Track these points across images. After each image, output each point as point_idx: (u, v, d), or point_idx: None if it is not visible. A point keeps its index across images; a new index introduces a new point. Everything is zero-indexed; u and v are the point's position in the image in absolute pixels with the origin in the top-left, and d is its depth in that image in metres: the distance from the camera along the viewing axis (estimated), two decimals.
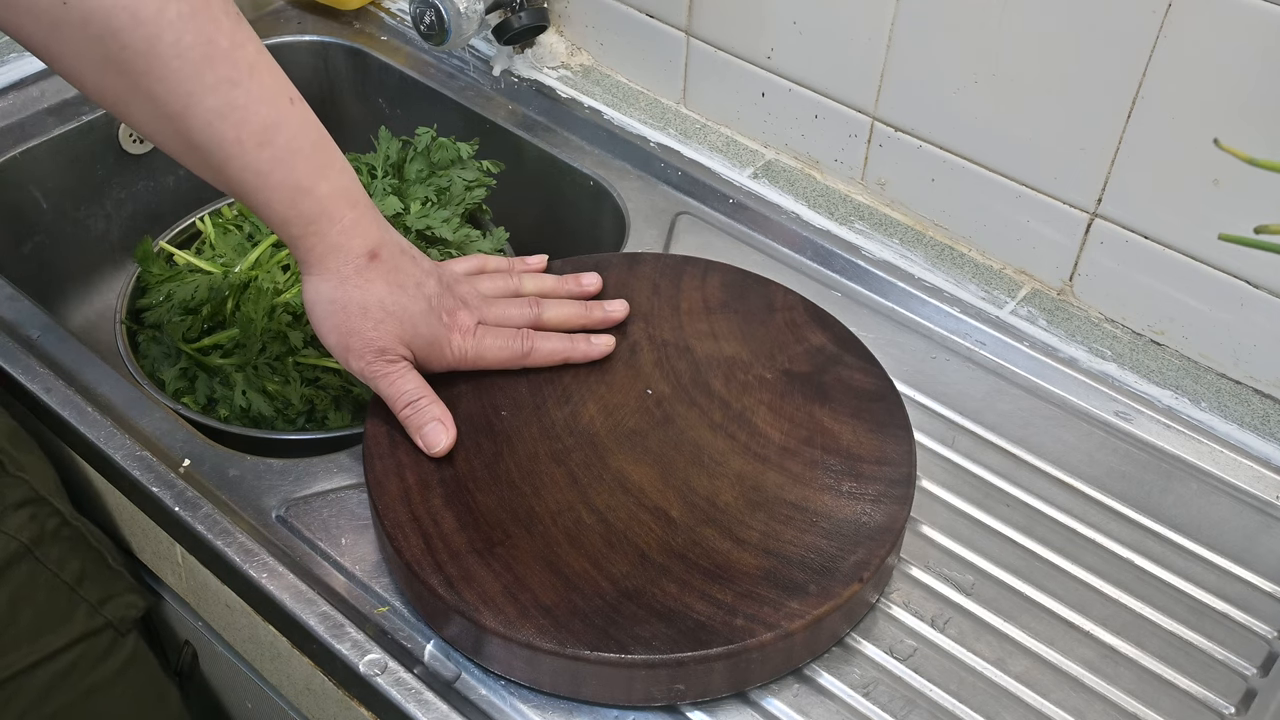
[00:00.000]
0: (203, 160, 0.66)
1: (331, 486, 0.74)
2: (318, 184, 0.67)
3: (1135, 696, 0.66)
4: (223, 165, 0.65)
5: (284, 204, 0.67)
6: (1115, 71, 0.78)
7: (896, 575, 0.71)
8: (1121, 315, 0.86)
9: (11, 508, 0.75)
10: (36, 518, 0.77)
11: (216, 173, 0.66)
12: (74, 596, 0.78)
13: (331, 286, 0.69)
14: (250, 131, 0.65)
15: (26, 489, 0.76)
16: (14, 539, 0.75)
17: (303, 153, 0.67)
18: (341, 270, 0.69)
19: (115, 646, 0.81)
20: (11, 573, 0.75)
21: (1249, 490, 0.77)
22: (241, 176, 0.66)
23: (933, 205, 0.92)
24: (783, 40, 0.94)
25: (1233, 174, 0.76)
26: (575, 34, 1.09)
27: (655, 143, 1.01)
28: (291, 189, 0.67)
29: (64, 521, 0.78)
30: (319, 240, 0.68)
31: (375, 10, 1.16)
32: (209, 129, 0.64)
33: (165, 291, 0.90)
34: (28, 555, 0.76)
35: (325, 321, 0.70)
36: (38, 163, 1.00)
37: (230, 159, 0.65)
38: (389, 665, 0.65)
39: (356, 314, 0.69)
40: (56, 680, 0.77)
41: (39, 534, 0.76)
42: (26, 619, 0.76)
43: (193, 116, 0.64)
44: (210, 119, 0.64)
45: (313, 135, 0.68)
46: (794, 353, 0.77)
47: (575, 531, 0.66)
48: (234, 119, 0.64)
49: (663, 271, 0.83)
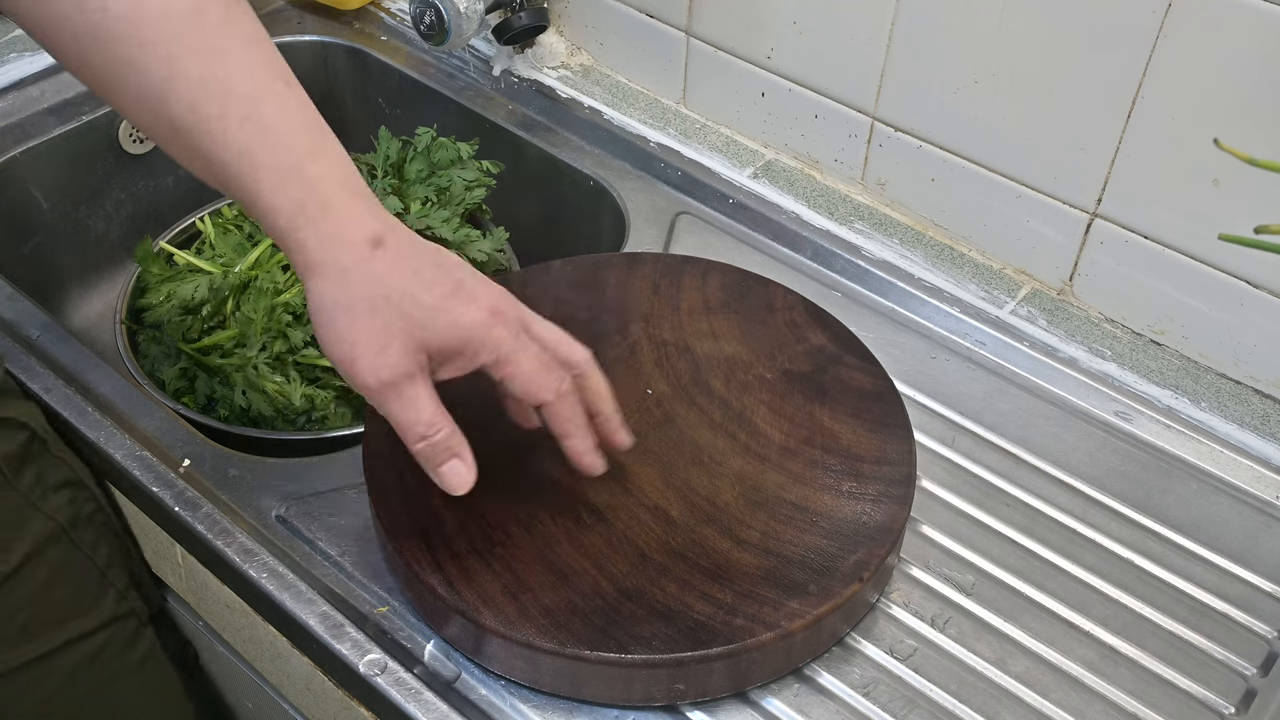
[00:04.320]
0: (187, 146, 0.59)
1: (331, 486, 0.74)
2: (307, 165, 0.58)
3: (1135, 696, 0.66)
4: (207, 148, 0.58)
5: (271, 188, 0.58)
6: (1115, 71, 0.78)
7: (896, 575, 0.71)
8: (1121, 315, 0.86)
9: (52, 488, 0.75)
10: (75, 501, 0.77)
11: (204, 160, 0.59)
12: (104, 581, 0.79)
13: (333, 284, 0.58)
14: (234, 104, 0.57)
15: (67, 470, 0.76)
16: (52, 519, 0.75)
17: (292, 131, 0.59)
18: (342, 261, 0.58)
19: (138, 636, 0.82)
20: (49, 553, 0.75)
21: (1249, 490, 0.77)
22: (224, 158, 0.58)
23: (933, 205, 0.92)
24: (783, 40, 0.94)
25: (1233, 174, 0.76)
26: (575, 34, 1.09)
27: (655, 143, 1.01)
28: (277, 170, 0.58)
29: (99, 507, 0.79)
30: (312, 230, 0.58)
31: (375, 10, 1.16)
32: (191, 104, 0.57)
33: (165, 291, 0.90)
34: (64, 537, 0.76)
35: (327, 330, 0.59)
36: (38, 163, 1.00)
37: (213, 139, 0.57)
38: (389, 665, 0.65)
39: (364, 315, 0.58)
40: (85, 663, 0.78)
41: (75, 516, 0.77)
42: (60, 599, 0.77)
43: (174, 88, 0.57)
44: (192, 91, 0.57)
45: (305, 116, 0.60)
46: (794, 353, 0.77)
47: (575, 531, 0.66)
48: (217, 91, 0.57)
49: (663, 271, 0.83)
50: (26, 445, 0.74)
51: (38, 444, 0.74)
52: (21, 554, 0.73)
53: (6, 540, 0.73)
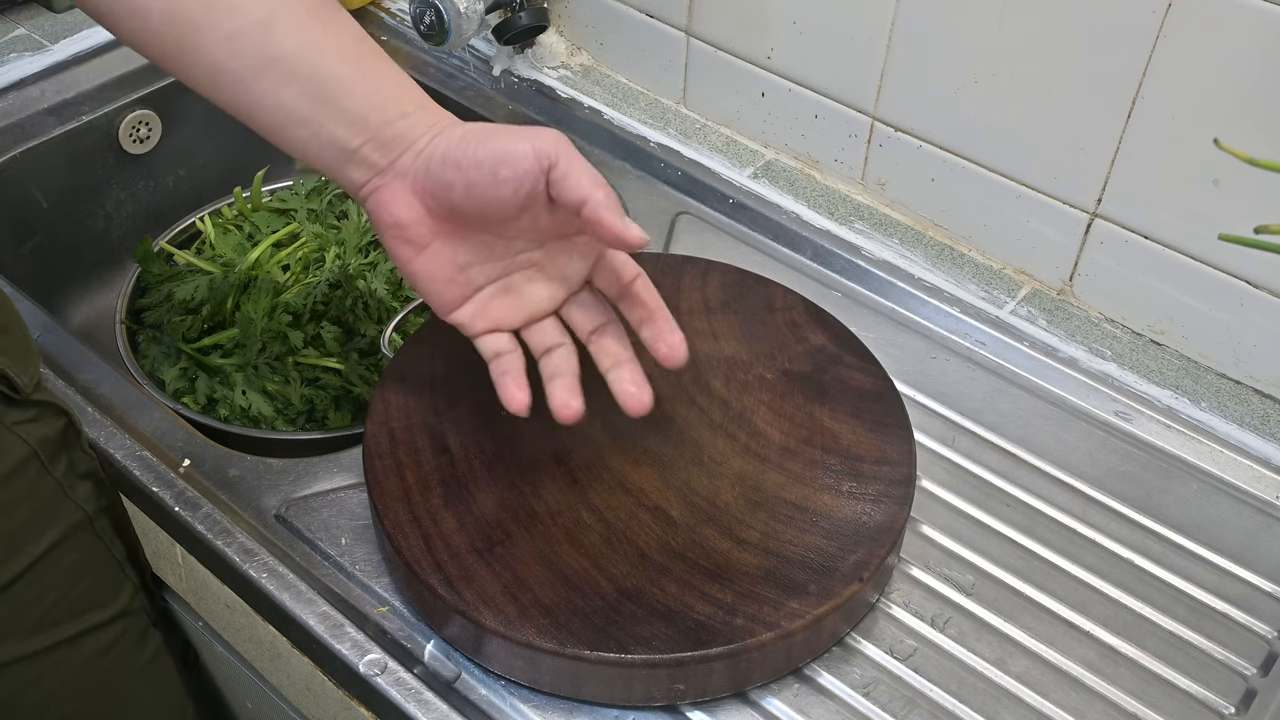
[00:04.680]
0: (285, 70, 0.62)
1: (331, 486, 0.74)
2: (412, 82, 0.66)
3: (1135, 696, 0.66)
4: (315, 67, 0.62)
5: (395, 87, 0.64)
6: (1115, 71, 0.78)
7: (896, 575, 0.71)
8: (1121, 315, 0.86)
9: (80, 478, 0.76)
10: (98, 492, 0.77)
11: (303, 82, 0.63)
12: (122, 575, 0.80)
13: (470, 128, 0.64)
14: (344, 29, 0.64)
15: (93, 462, 0.77)
16: (81, 508, 0.76)
17: (388, 57, 0.66)
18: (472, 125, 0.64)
19: (148, 634, 0.82)
20: (75, 540, 0.76)
21: (1249, 490, 0.77)
22: (336, 75, 0.63)
23: (933, 205, 0.92)
24: (783, 40, 0.94)
25: (1233, 174, 0.76)
26: (575, 34, 1.09)
27: (655, 143, 1.01)
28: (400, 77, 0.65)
29: (116, 500, 0.79)
30: (437, 112, 0.65)
31: (375, 10, 1.16)
32: (300, 31, 0.62)
33: (165, 291, 0.90)
34: (89, 526, 0.77)
35: (475, 136, 0.63)
36: (38, 163, 1.00)
37: (326, 57, 0.63)
38: (389, 665, 0.65)
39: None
40: (97, 655, 0.79)
41: (98, 508, 0.78)
42: (83, 588, 0.77)
43: (279, 20, 0.62)
44: (300, 21, 0.62)
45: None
46: (794, 353, 0.77)
47: (575, 531, 0.66)
48: (325, 18, 0.63)
49: (663, 271, 0.83)
50: (64, 432, 0.74)
51: (72, 433, 0.75)
52: (51, 539, 0.74)
53: (39, 525, 0.74)
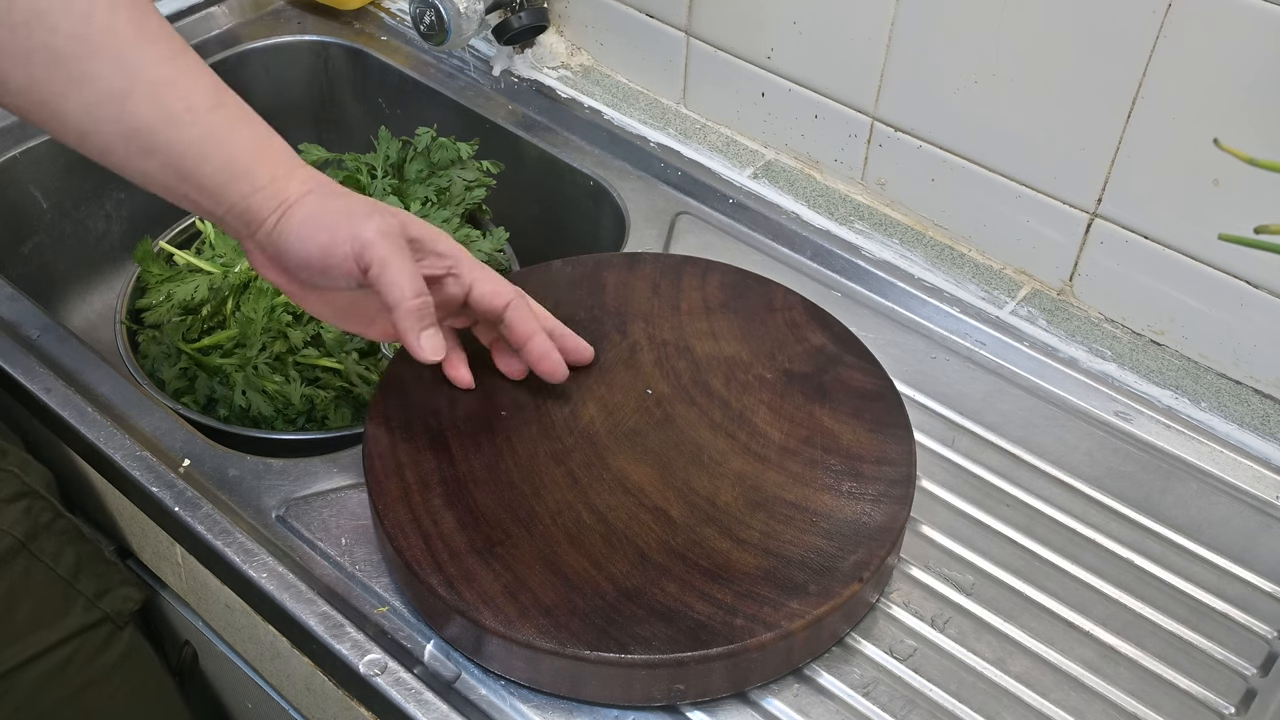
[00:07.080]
0: (146, 144, 0.64)
1: (331, 486, 0.74)
2: (274, 139, 0.67)
3: (1135, 696, 0.66)
4: (170, 140, 0.63)
5: (249, 155, 0.65)
6: (1115, 71, 0.78)
7: (896, 575, 0.71)
8: (1121, 315, 0.86)
9: (4, 502, 0.75)
10: (30, 511, 0.76)
11: (162, 154, 0.64)
12: (70, 591, 0.78)
13: (316, 197, 0.65)
14: (201, 97, 0.64)
15: (19, 483, 0.76)
16: (8, 534, 0.75)
17: (250, 115, 0.66)
18: (327, 188, 0.66)
19: (112, 640, 0.80)
20: (7, 568, 0.75)
21: (1249, 490, 0.77)
22: (192, 148, 0.64)
23: (933, 205, 0.92)
24: (783, 40, 0.94)
25: (1233, 174, 0.76)
26: (575, 34, 1.09)
27: (655, 143, 1.01)
28: (256, 142, 0.65)
29: (57, 514, 0.78)
30: (289, 178, 0.65)
31: (375, 10, 1.16)
32: (156, 102, 0.63)
33: (165, 291, 0.90)
34: (23, 550, 0.76)
35: (320, 214, 0.64)
36: (38, 163, 1.00)
37: (181, 129, 0.63)
38: (389, 665, 0.65)
39: (351, 197, 0.66)
40: (51, 676, 0.77)
41: (33, 528, 0.76)
42: (23, 614, 0.76)
43: (138, 91, 0.63)
44: (158, 91, 0.63)
45: (249, 113, 0.67)
46: (794, 353, 0.77)
47: (575, 531, 0.66)
48: (183, 88, 0.64)
49: (663, 271, 0.83)
50: None
51: None
52: None
53: None
